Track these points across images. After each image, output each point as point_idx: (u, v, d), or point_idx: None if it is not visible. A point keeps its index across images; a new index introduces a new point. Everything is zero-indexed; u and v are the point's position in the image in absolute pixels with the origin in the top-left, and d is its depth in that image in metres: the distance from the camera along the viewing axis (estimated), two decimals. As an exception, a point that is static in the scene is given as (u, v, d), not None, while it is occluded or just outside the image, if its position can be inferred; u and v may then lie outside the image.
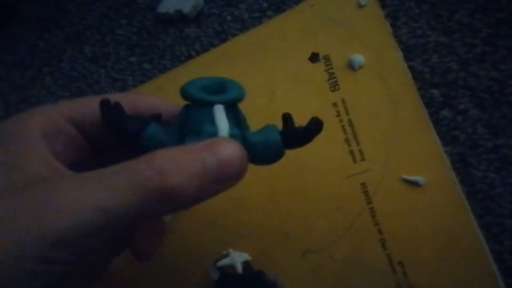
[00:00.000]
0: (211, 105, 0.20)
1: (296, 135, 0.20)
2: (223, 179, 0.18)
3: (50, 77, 0.47)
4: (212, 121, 0.19)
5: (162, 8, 0.41)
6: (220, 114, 0.19)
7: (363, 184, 0.29)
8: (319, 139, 0.31)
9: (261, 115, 0.33)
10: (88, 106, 0.21)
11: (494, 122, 0.29)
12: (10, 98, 0.49)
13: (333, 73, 0.32)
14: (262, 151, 0.20)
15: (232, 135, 0.19)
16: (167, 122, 0.22)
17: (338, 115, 0.31)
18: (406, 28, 0.33)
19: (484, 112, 0.30)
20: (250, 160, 0.19)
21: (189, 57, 0.40)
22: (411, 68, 0.32)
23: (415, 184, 0.28)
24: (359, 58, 0.31)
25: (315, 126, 0.20)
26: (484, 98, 0.30)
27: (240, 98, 0.21)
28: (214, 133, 0.19)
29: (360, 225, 0.28)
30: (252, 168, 0.31)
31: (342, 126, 0.30)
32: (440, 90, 0.31)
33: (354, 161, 0.29)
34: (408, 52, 0.32)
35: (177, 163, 0.16)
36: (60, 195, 0.16)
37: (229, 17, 0.40)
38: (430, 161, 0.28)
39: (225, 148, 0.17)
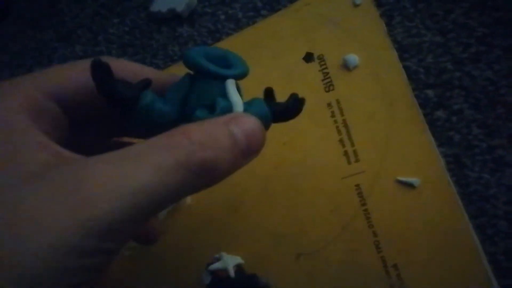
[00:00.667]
0: (223, 78, 0.19)
1: (282, 110, 0.21)
2: (250, 151, 0.18)
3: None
4: (224, 95, 0.19)
5: (155, 7, 0.41)
6: (233, 89, 0.19)
7: (357, 185, 0.29)
8: (313, 139, 0.31)
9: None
10: (67, 78, 0.19)
11: (489, 123, 0.29)
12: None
13: (327, 73, 0.31)
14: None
15: (245, 110, 0.19)
16: (156, 91, 0.20)
17: (333, 115, 0.30)
18: (401, 28, 0.33)
19: (479, 112, 0.30)
20: None
21: (182, 56, 0.40)
22: (406, 68, 0.31)
23: (409, 185, 0.27)
24: (354, 58, 0.31)
25: (296, 104, 0.21)
26: (479, 98, 0.30)
27: (246, 74, 0.21)
28: (229, 108, 0.18)
29: (355, 227, 0.28)
30: (246, 170, 0.31)
31: (337, 127, 0.30)
32: (435, 90, 0.31)
33: (349, 162, 0.29)
34: (403, 52, 0.32)
35: (212, 136, 0.16)
36: (92, 180, 0.14)
37: (223, 16, 0.39)
38: (425, 163, 0.28)
39: (249, 121, 0.18)
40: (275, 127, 0.21)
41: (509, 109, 0.29)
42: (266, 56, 0.34)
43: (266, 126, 0.20)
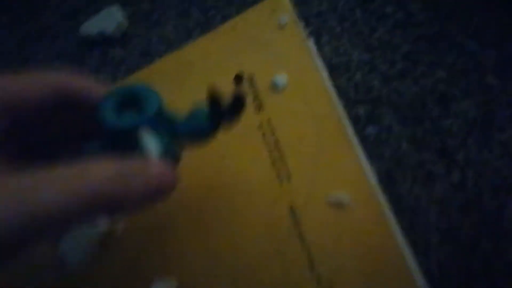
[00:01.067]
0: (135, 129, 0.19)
1: (221, 116, 0.21)
2: (157, 192, 0.19)
3: None
4: (141, 146, 0.19)
5: (84, 31, 0.39)
6: (146, 138, 0.19)
7: (291, 207, 0.28)
8: (246, 161, 0.30)
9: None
10: (23, 90, 0.20)
11: (418, 137, 0.30)
12: None
13: (257, 95, 0.31)
14: (193, 138, 0.22)
15: (165, 151, 0.19)
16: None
17: (264, 136, 0.30)
18: (329, 47, 0.33)
19: (408, 127, 0.30)
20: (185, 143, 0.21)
21: (115, 79, 0.39)
22: (336, 86, 0.31)
23: (340, 204, 0.27)
24: (282, 78, 0.31)
25: (238, 102, 0.21)
26: (406, 113, 0.30)
27: (159, 108, 0.20)
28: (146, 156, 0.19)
29: (289, 248, 0.27)
30: (180, 192, 0.29)
31: (268, 148, 0.29)
32: (364, 107, 0.31)
33: (281, 183, 0.29)
34: (333, 70, 0.32)
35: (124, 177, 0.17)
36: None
37: (155, 38, 0.38)
38: (355, 180, 0.28)
39: (158, 168, 0.19)
40: (204, 152, 0.21)
41: (436, 124, 0.29)
42: (197, 76, 0.33)
43: (205, 137, 0.22)
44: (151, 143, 0.19)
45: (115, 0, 0.40)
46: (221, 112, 0.20)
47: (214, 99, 0.20)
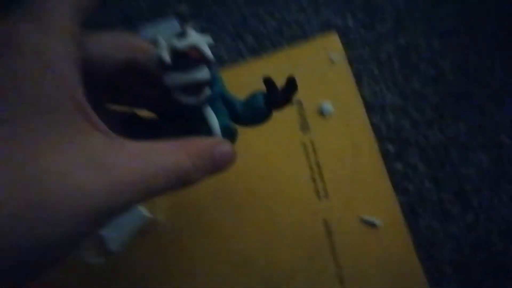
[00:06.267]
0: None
1: (277, 97, 0.23)
2: (218, 169, 0.21)
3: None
4: (203, 120, 0.21)
5: (145, 34, 0.42)
6: (211, 116, 0.21)
7: (325, 220, 0.31)
8: (288, 174, 0.33)
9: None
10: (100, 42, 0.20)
11: (439, 179, 0.33)
12: None
13: (304, 116, 0.34)
14: (251, 119, 0.23)
15: (223, 128, 0.22)
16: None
17: (307, 154, 0.33)
18: (368, 87, 0.37)
19: (431, 169, 0.34)
20: (243, 124, 0.23)
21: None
22: (371, 122, 0.35)
23: (371, 224, 0.30)
24: (328, 106, 0.34)
25: (291, 86, 0.23)
26: (431, 157, 0.34)
27: (222, 90, 0.22)
28: (209, 132, 0.21)
29: (321, 258, 0.30)
30: (222, 197, 0.32)
31: (310, 165, 0.33)
32: (394, 145, 0.35)
33: (319, 198, 0.31)
34: (369, 108, 0.36)
35: (202, 160, 0.19)
36: (122, 155, 0.16)
37: (206, 54, 0.42)
38: (385, 206, 0.31)
39: (224, 149, 0.21)
40: (252, 160, 0.24)
41: (455, 169, 0.33)
42: (245, 96, 0.36)
43: (262, 118, 0.23)
44: (215, 121, 0.21)
45: (173, 13, 0.44)
46: (276, 94, 0.23)
47: (269, 83, 0.23)
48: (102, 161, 0.16)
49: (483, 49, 0.37)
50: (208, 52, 0.20)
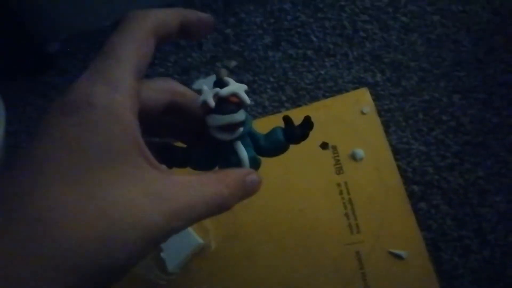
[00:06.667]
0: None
1: (295, 133, 0.26)
2: (249, 195, 0.24)
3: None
4: (234, 152, 0.25)
5: (196, 86, 0.49)
6: (241, 150, 0.25)
7: (357, 252, 0.35)
8: (324, 210, 0.38)
9: (274, 184, 0.40)
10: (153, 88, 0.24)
11: (459, 218, 0.38)
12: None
13: (338, 160, 0.40)
14: (272, 151, 0.26)
15: (251, 159, 0.25)
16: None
17: (341, 193, 0.38)
18: (396, 135, 0.42)
19: (452, 208, 0.38)
20: (264, 155, 0.26)
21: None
22: (398, 166, 0.40)
23: (398, 257, 0.35)
24: (360, 152, 0.40)
25: (307, 124, 0.27)
26: (452, 198, 0.38)
27: (250, 127, 0.26)
28: (238, 164, 0.25)
29: (353, 285, 0.34)
30: (264, 229, 0.37)
31: (343, 203, 0.38)
32: (419, 186, 0.39)
33: (352, 232, 0.36)
34: (396, 154, 0.41)
35: (237, 188, 0.23)
36: (174, 187, 0.20)
37: (252, 102, 0.48)
38: (411, 241, 0.35)
39: (253, 176, 0.24)
40: (293, 198, 0.28)
41: (474, 210, 0.38)
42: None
43: (282, 150, 0.27)
44: (244, 154, 0.25)
45: (224, 67, 0.51)
46: (294, 129, 0.26)
47: (288, 120, 0.27)
48: (159, 192, 0.19)
49: (498, 105, 0.42)
50: (245, 98, 0.23)
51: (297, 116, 0.44)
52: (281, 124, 0.27)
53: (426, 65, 0.46)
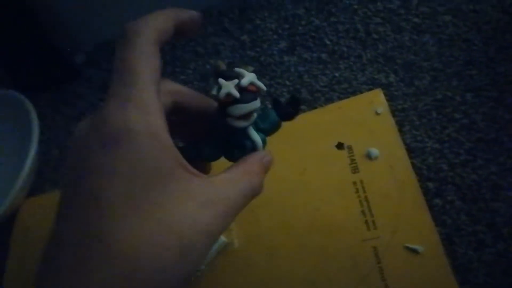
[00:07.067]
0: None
1: (289, 111, 0.28)
2: (267, 173, 0.26)
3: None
4: (248, 137, 0.27)
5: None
6: (254, 133, 0.27)
7: (374, 247, 0.37)
8: (341, 208, 0.39)
9: (293, 184, 0.42)
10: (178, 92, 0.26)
11: (473, 213, 0.39)
12: (65, 145, 0.56)
13: (354, 159, 0.41)
14: (270, 131, 0.28)
15: (263, 142, 0.27)
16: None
17: (357, 192, 0.40)
18: (410, 134, 0.44)
19: (466, 204, 0.39)
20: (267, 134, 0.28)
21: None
22: (412, 164, 0.41)
23: (414, 251, 0.36)
24: (375, 151, 0.41)
25: (296, 101, 0.29)
26: (466, 193, 0.40)
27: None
28: (253, 147, 0.27)
29: (371, 279, 0.36)
30: (284, 229, 0.39)
31: (360, 200, 0.39)
32: (433, 183, 0.41)
33: (368, 229, 0.38)
34: (411, 152, 0.42)
35: (260, 173, 0.25)
36: (213, 189, 0.22)
37: (269, 105, 0.50)
38: (426, 236, 0.37)
39: (268, 156, 0.27)
40: (311, 197, 0.30)
41: (488, 205, 0.39)
42: (305, 140, 0.44)
43: (277, 128, 0.29)
44: (258, 138, 0.27)
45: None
46: (286, 108, 0.28)
47: (278, 101, 0.28)
48: (207, 198, 0.21)
49: (510, 103, 0.43)
50: (262, 85, 0.25)
51: (312, 118, 0.46)
52: (297, 126, 0.29)
53: (438, 64, 0.47)
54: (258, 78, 0.26)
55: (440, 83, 0.46)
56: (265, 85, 0.26)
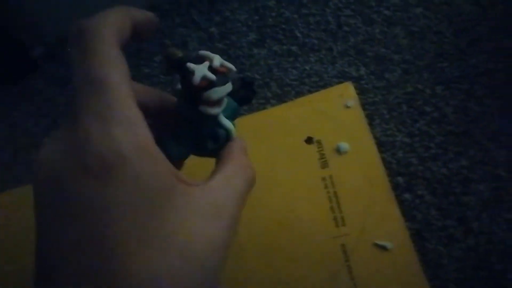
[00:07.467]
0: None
1: (248, 96, 0.27)
2: None
3: (66, 127, 0.52)
4: (221, 125, 0.25)
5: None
6: (225, 120, 0.25)
7: (342, 245, 0.36)
8: (309, 205, 0.38)
9: (262, 181, 0.40)
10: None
11: (444, 207, 0.38)
12: (20, 143, 0.53)
13: (323, 154, 0.40)
14: (232, 117, 0.26)
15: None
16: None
17: (326, 187, 0.38)
18: (380, 128, 0.43)
19: (436, 198, 0.39)
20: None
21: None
22: (382, 158, 0.40)
23: (383, 248, 0.35)
24: (344, 146, 0.40)
25: (250, 84, 0.27)
26: (436, 187, 0.39)
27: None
28: (227, 135, 0.25)
29: (339, 277, 0.35)
30: (253, 225, 0.37)
31: (329, 196, 0.38)
32: (403, 178, 0.40)
33: (337, 225, 0.37)
34: (381, 146, 0.41)
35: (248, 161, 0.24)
36: (210, 196, 0.20)
37: (237, 100, 0.48)
38: (395, 232, 0.36)
39: (244, 144, 0.25)
40: (278, 194, 0.28)
41: (458, 199, 0.38)
42: (274, 135, 0.43)
43: (238, 114, 0.27)
44: (230, 124, 0.25)
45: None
46: (244, 93, 0.27)
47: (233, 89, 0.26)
48: (210, 206, 0.19)
49: (480, 95, 0.42)
50: (231, 66, 0.23)
51: (282, 112, 0.45)
52: (268, 120, 0.27)
53: (409, 57, 0.46)
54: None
55: (411, 75, 0.45)
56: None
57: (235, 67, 0.25)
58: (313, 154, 0.40)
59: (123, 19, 0.20)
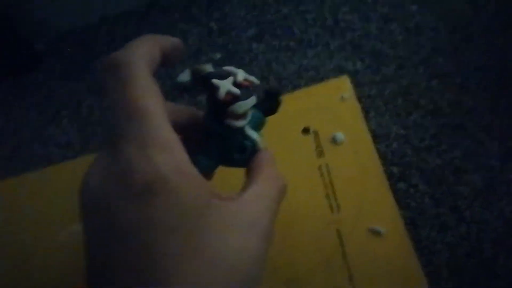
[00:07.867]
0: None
1: (272, 108, 0.28)
2: None
3: (67, 119, 0.53)
4: (247, 137, 0.25)
5: (182, 78, 0.50)
6: (251, 131, 0.26)
7: (338, 230, 0.37)
8: (306, 192, 0.39)
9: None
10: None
11: (437, 196, 0.39)
12: (23, 135, 0.54)
13: (320, 144, 0.41)
14: (258, 129, 0.27)
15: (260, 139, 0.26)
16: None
17: (322, 175, 0.39)
18: (375, 120, 0.43)
19: (430, 187, 0.39)
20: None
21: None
22: (377, 149, 0.41)
23: (377, 233, 0.36)
24: (340, 136, 0.41)
25: (274, 94, 0.28)
26: (430, 177, 0.40)
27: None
28: (253, 147, 0.25)
29: (334, 261, 0.35)
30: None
31: (324, 184, 0.39)
32: (398, 168, 0.41)
33: (332, 212, 0.37)
34: (376, 137, 0.42)
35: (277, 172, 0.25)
36: (246, 210, 0.21)
37: (236, 93, 0.49)
38: (389, 219, 0.37)
39: (272, 155, 0.26)
40: None
41: (451, 188, 0.39)
42: (272, 126, 0.43)
43: (264, 125, 0.28)
44: (256, 135, 0.26)
45: (208, 60, 0.52)
46: (268, 105, 0.28)
47: (258, 101, 0.27)
48: (246, 221, 0.20)
49: (474, 88, 0.43)
50: (255, 79, 0.24)
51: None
52: None
53: (404, 52, 0.47)
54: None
55: (406, 70, 0.46)
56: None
57: (234, 62, 0.26)
58: (309, 144, 0.41)
59: (153, 48, 0.22)
